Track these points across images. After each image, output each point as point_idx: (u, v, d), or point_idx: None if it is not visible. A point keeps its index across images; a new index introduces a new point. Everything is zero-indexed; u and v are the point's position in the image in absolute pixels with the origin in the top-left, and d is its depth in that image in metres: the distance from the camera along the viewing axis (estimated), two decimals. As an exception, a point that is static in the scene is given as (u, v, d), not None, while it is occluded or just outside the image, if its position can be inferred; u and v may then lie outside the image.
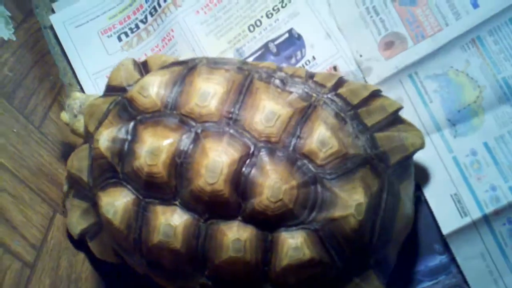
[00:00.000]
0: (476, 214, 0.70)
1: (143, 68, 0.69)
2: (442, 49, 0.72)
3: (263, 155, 0.56)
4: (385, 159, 0.61)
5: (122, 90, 0.66)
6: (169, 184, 0.58)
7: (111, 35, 0.86)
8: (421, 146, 0.65)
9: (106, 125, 0.63)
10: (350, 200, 0.56)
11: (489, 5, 0.69)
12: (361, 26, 0.76)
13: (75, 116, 0.73)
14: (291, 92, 0.61)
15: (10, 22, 0.80)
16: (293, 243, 0.55)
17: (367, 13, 0.75)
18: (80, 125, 0.72)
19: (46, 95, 0.81)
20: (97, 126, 0.65)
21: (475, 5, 0.70)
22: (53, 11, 0.88)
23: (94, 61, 0.85)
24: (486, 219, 0.70)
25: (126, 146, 0.60)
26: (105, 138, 0.61)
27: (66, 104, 0.75)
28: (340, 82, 0.65)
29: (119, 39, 0.85)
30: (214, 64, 0.65)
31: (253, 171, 0.56)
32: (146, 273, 0.65)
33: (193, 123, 0.59)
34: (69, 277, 0.68)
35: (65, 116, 0.74)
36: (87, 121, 0.68)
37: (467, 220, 0.71)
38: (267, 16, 0.80)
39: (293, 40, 0.79)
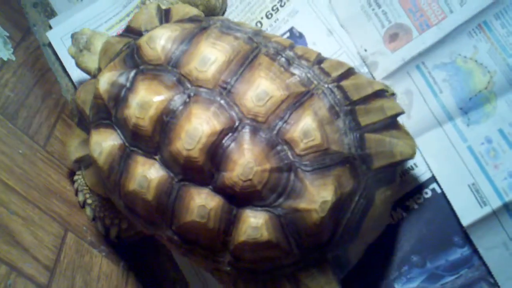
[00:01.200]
0: (496, 203, 0.68)
1: (165, 16, 0.69)
2: (448, 36, 0.70)
3: (245, 133, 0.56)
4: (369, 161, 0.60)
5: (139, 34, 0.66)
6: (153, 139, 0.59)
7: (110, 48, 0.85)
8: (411, 156, 0.62)
9: (110, 68, 0.63)
10: (317, 195, 0.55)
11: (493, -11, 0.68)
12: (364, 20, 0.74)
13: (81, 50, 0.74)
14: (293, 74, 0.60)
15: (9, 42, 0.79)
16: (254, 223, 0.56)
17: (369, 6, 0.74)
18: (84, 60, 0.74)
19: (50, 113, 0.80)
20: (107, 63, 0.65)
21: (479, -10, 0.69)
22: (50, 28, 0.87)
23: (95, 75, 0.84)
24: (507, 207, 0.68)
25: (123, 92, 0.61)
26: (105, 80, 0.62)
27: (73, 37, 0.76)
28: (348, 73, 0.63)
29: (119, 51, 0.84)
30: (226, 28, 0.63)
31: (232, 145, 0.56)
32: (125, 214, 0.66)
33: (189, 85, 0.59)
34: (85, 296, 0.68)
35: (72, 49, 0.75)
36: (101, 57, 0.69)
37: (487, 209, 0.69)
38: (267, 16, 0.79)
39: (295, 39, 0.78)
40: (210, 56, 0.58)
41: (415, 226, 0.75)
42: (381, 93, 0.64)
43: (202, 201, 0.56)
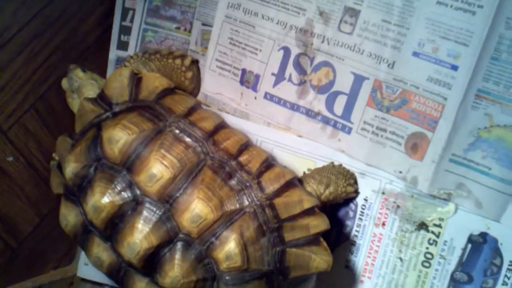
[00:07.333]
0: None
1: (136, 86, 0.74)
2: (457, 120, 0.69)
3: (179, 246, 0.65)
4: (286, 273, 0.68)
5: (109, 105, 0.73)
6: (106, 232, 0.69)
7: None
8: (325, 270, 0.68)
9: (75, 157, 0.71)
10: None
11: (466, 61, 0.67)
12: (380, 148, 0.75)
13: (72, 91, 0.82)
14: (232, 189, 0.67)
15: None
16: None
17: (376, 136, 0.75)
18: (72, 102, 0.82)
19: None
20: (81, 130, 0.74)
21: (455, 68, 0.68)
22: None
23: None
24: None
25: (85, 183, 0.69)
26: (71, 170, 0.71)
27: (69, 75, 0.81)
28: (283, 188, 0.68)
29: None
30: (181, 132, 0.69)
31: (167, 255, 0.65)
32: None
33: (138, 193, 0.67)
34: None
35: (65, 84, 0.82)
36: (77, 119, 0.76)
37: None
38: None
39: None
40: (157, 174, 0.65)
41: None
42: (310, 211, 0.69)
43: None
